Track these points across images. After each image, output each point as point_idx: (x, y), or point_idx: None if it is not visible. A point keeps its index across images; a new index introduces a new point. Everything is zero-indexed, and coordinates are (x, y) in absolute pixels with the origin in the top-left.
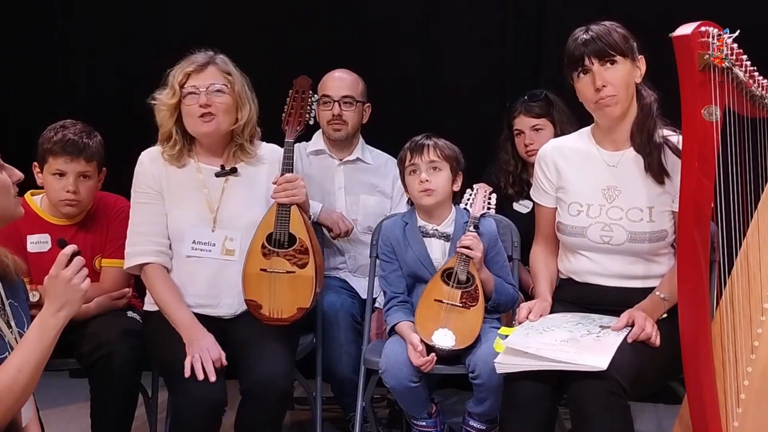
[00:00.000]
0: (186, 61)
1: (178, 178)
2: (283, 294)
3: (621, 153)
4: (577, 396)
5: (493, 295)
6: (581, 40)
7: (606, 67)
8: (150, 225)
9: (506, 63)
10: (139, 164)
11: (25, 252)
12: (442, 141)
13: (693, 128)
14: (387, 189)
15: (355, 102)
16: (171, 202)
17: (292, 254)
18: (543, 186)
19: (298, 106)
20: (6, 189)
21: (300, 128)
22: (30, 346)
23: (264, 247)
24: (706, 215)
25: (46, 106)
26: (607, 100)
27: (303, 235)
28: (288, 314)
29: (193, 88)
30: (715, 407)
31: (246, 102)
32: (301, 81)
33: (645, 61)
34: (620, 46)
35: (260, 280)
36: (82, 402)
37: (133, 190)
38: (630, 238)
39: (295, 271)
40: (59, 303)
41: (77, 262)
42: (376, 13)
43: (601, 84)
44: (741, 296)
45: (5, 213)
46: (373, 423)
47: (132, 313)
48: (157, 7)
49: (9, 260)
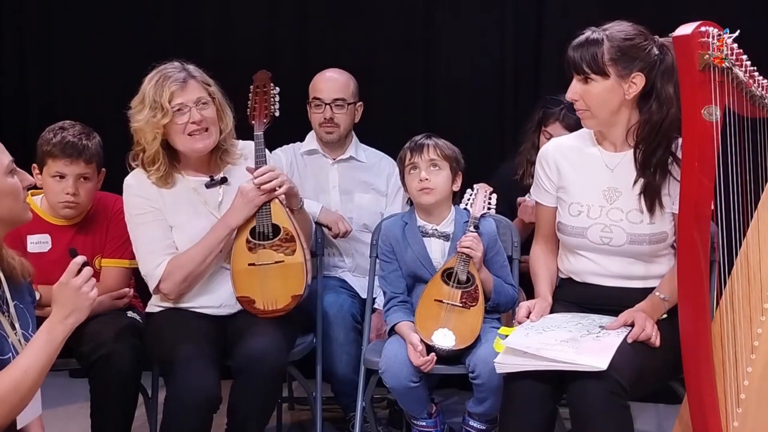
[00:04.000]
0: (162, 77)
1: (172, 197)
2: (275, 285)
3: (622, 154)
4: (577, 396)
5: (493, 296)
6: (572, 45)
7: (581, 81)
8: (159, 241)
9: (506, 63)
10: (128, 188)
11: (26, 252)
12: (442, 141)
13: (693, 128)
14: (381, 187)
15: (347, 104)
16: (173, 220)
17: (278, 244)
18: (544, 185)
19: (261, 100)
20: (16, 194)
21: (266, 120)
22: (37, 350)
23: (249, 242)
24: (706, 215)
25: (45, 106)
26: (580, 112)
27: (287, 224)
28: (283, 304)
29: (181, 105)
30: (715, 407)
31: (226, 109)
32: (260, 75)
33: (644, 78)
34: (599, 66)
35: (250, 275)
36: (82, 402)
37: (130, 214)
38: (630, 240)
39: (284, 260)
40: (67, 310)
41: (87, 272)
42: (376, 13)
43: (571, 98)
44: (741, 296)
45: (13, 217)
46: (373, 423)
47: (132, 313)
48: (159, 7)
49: (16, 262)
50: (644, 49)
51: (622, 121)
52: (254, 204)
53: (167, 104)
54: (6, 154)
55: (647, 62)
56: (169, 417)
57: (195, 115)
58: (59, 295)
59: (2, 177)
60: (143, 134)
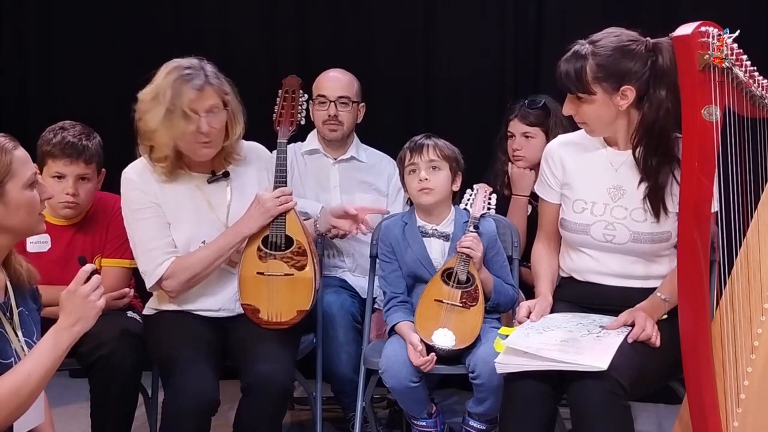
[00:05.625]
0: (180, 78)
1: (173, 191)
2: (282, 297)
3: (627, 153)
4: (577, 396)
5: (492, 296)
6: (562, 60)
7: (572, 99)
8: (160, 239)
9: (506, 63)
10: (128, 182)
11: (25, 252)
12: (442, 141)
13: (693, 128)
14: (382, 187)
15: (351, 102)
16: (172, 216)
17: (289, 256)
18: (548, 181)
19: (288, 106)
20: (32, 207)
21: (292, 128)
22: (41, 355)
23: (260, 250)
24: (706, 215)
25: (45, 106)
26: (579, 124)
27: (300, 237)
28: (287, 317)
29: (192, 113)
30: (715, 407)
31: (238, 116)
32: (290, 80)
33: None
34: (584, 86)
35: (257, 283)
36: (82, 402)
37: (128, 209)
38: (633, 238)
39: (293, 273)
40: (74, 318)
41: (95, 280)
42: (376, 13)
43: (567, 113)
44: (741, 296)
45: (26, 229)
46: (373, 423)
47: (132, 313)
48: (159, 7)
49: (23, 269)
50: (632, 60)
51: (622, 125)
52: (270, 214)
53: (188, 110)
54: (30, 166)
55: (637, 73)
56: (168, 421)
57: (203, 126)
58: (67, 302)
59: (21, 190)
60: (157, 135)
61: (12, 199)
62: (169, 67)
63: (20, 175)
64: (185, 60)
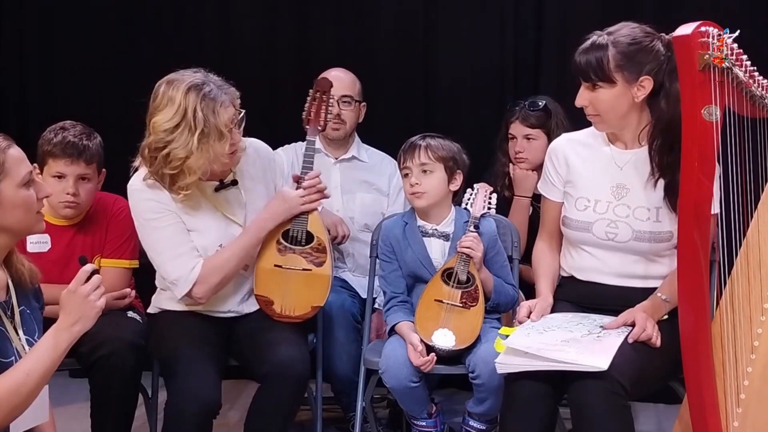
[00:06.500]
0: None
1: (184, 201)
2: (297, 291)
3: (632, 152)
4: (577, 396)
5: (493, 296)
6: (578, 50)
7: (588, 89)
8: (185, 244)
9: (506, 63)
10: (137, 192)
11: (25, 252)
12: (437, 141)
13: (693, 128)
14: (383, 187)
15: (354, 101)
16: (189, 224)
17: (309, 252)
18: (552, 179)
19: (319, 106)
20: (28, 206)
21: (321, 128)
22: (41, 355)
23: (280, 243)
24: (706, 215)
25: (46, 106)
26: (591, 117)
27: (321, 234)
28: (301, 312)
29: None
30: (715, 407)
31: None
32: (322, 81)
33: (653, 80)
34: (605, 73)
35: (273, 275)
36: (82, 402)
37: (144, 218)
38: (634, 237)
39: (311, 269)
40: (74, 318)
41: (95, 280)
42: (376, 13)
43: (580, 104)
44: (741, 296)
45: (24, 228)
46: (373, 423)
47: (132, 313)
48: (159, 7)
49: (25, 268)
50: (651, 52)
51: (632, 122)
52: (292, 213)
53: (224, 128)
54: (25, 164)
55: (654, 65)
56: (169, 423)
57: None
58: (67, 302)
59: (16, 189)
60: (190, 161)
61: (6, 198)
62: (182, 87)
63: (14, 174)
64: (191, 75)
